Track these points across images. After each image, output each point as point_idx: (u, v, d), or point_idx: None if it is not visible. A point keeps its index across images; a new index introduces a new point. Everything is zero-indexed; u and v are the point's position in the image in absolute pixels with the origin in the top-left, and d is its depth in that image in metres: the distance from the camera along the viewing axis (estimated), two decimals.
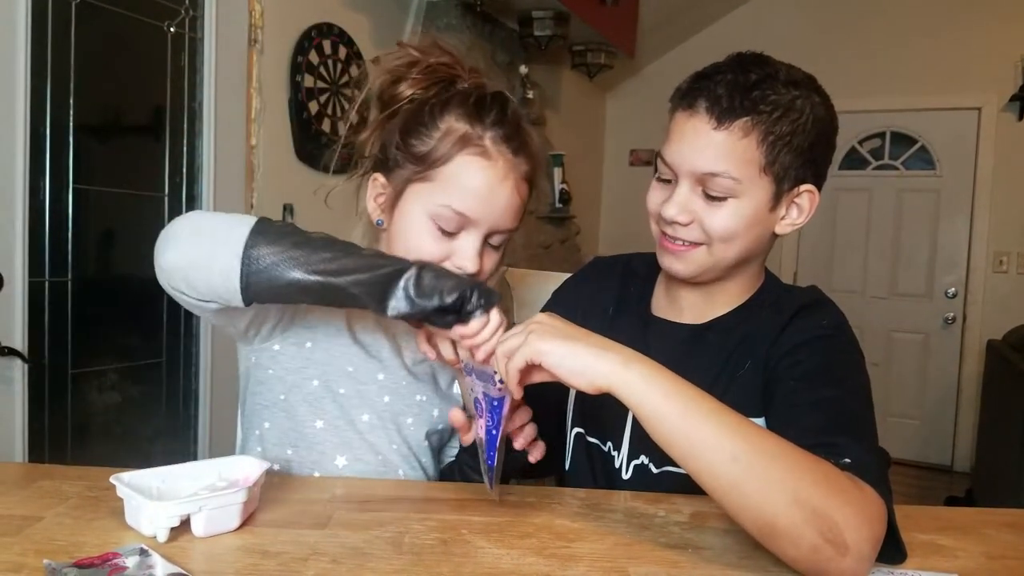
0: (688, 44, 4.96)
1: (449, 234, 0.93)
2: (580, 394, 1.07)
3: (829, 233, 4.80)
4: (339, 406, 1.00)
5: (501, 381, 0.79)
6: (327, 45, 2.65)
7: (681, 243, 0.94)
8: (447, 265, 0.92)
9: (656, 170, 0.99)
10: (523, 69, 3.62)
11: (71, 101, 1.77)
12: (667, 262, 0.98)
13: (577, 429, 1.08)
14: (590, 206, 5.02)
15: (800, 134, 0.89)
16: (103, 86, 1.89)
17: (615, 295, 1.10)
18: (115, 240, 1.99)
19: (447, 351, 0.87)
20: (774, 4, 4.78)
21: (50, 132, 1.73)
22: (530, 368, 0.77)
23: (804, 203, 0.95)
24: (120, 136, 2.02)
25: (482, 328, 0.78)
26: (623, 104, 5.23)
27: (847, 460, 0.74)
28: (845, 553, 0.67)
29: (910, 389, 4.65)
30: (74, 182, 1.79)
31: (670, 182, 0.95)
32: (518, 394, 0.79)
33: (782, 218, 0.95)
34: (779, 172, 0.90)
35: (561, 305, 1.12)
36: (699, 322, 1.01)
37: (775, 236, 0.97)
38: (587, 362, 0.74)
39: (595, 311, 1.08)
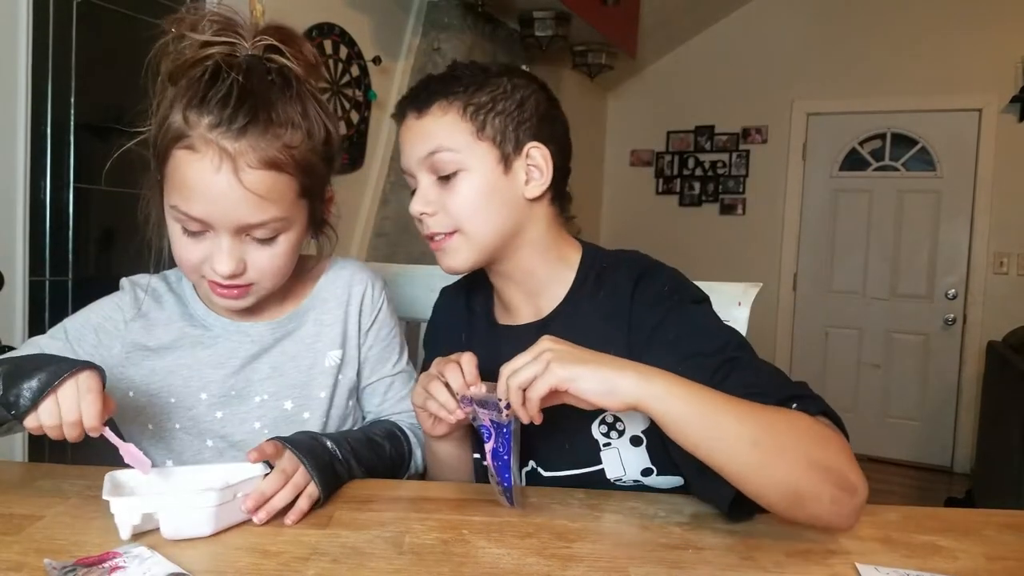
0: (689, 44, 4.96)
1: (198, 234, 0.88)
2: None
3: (829, 234, 4.80)
4: (179, 441, 0.98)
5: (507, 407, 0.80)
6: (328, 45, 2.65)
7: (440, 236, 0.97)
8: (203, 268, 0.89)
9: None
10: (524, 69, 3.61)
11: (72, 100, 1.77)
12: (442, 262, 1.00)
13: (474, 456, 1.04)
14: (590, 206, 5.02)
15: (502, 99, 0.96)
16: (104, 85, 1.89)
17: (463, 319, 1.11)
18: (115, 239, 1.99)
19: (443, 396, 0.86)
20: (775, 5, 4.78)
21: (51, 131, 1.73)
22: (550, 394, 0.78)
23: (539, 161, 0.98)
24: (121, 135, 2.02)
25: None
26: (624, 104, 5.23)
27: (794, 405, 0.79)
28: (855, 493, 0.75)
29: (910, 390, 4.65)
30: (75, 181, 1.79)
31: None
32: (538, 420, 0.80)
33: (526, 182, 0.98)
34: (495, 136, 0.95)
35: (431, 350, 1.13)
36: (538, 318, 1.02)
37: (533, 202, 0.99)
38: (613, 382, 0.76)
39: (454, 341, 1.06)
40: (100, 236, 1.95)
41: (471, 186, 0.95)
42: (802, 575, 0.71)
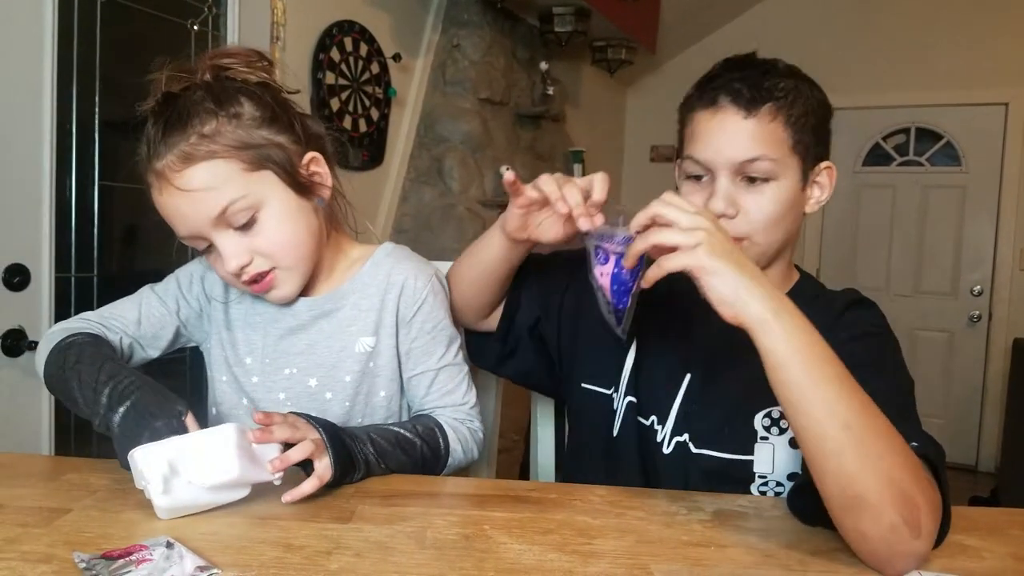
0: (710, 39, 4.92)
1: (206, 249, 0.95)
2: (637, 366, 1.06)
3: (852, 230, 4.75)
4: (224, 394, 1.07)
5: (627, 239, 0.79)
6: (348, 42, 2.66)
7: None
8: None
9: (679, 173, 1.02)
10: (543, 65, 3.61)
11: (97, 98, 1.79)
12: None
13: (630, 399, 1.06)
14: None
15: (811, 114, 0.96)
16: (128, 83, 1.91)
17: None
18: (140, 236, 2.01)
19: (576, 199, 0.85)
20: None
21: (76, 129, 1.74)
22: None
23: (824, 180, 1.01)
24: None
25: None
26: (644, 100, 5.20)
27: (915, 444, 0.76)
28: (919, 536, 0.70)
29: (935, 388, 4.59)
30: (100, 179, 1.81)
31: (701, 178, 0.98)
32: (647, 284, 0.79)
33: (809, 198, 1.00)
34: (803, 151, 0.96)
35: (565, 264, 1.11)
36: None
37: (803, 217, 1.01)
38: (742, 294, 0.73)
39: None
40: (125, 233, 1.97)
41: (776, 198, 0.95)
42: (826, 574, 0.71)
